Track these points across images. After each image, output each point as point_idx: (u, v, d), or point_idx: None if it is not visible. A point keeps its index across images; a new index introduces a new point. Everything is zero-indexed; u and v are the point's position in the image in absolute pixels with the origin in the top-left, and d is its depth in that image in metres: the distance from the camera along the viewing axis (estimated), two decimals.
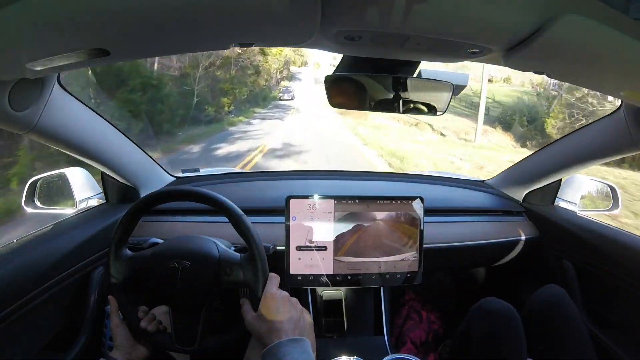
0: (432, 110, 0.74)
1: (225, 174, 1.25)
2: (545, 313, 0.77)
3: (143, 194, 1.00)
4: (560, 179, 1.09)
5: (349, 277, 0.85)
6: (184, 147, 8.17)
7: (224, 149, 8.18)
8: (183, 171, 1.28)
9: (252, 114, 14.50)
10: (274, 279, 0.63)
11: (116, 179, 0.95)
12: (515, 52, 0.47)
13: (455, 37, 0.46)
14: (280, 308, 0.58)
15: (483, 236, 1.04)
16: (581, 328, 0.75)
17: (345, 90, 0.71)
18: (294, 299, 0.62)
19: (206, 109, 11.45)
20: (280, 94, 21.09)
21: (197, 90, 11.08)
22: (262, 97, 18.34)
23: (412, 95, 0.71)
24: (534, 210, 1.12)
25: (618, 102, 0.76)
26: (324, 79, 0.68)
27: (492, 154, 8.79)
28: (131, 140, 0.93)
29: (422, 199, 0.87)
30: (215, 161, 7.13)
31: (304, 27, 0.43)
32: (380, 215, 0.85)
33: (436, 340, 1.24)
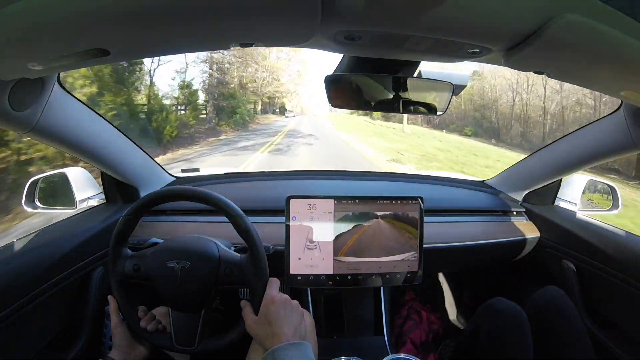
0: (432, 110, 0.74)
1: (225, 174, 1.25)
2: (544, 315, 0.77)
3: (143, 193, 1.00)
4: (560, 179, 1.09)
5: (349, 277, 0.85)
6: None
7: None
8: (183, 171, 1.28)
9: None
10: (274, 282, 0.63)
11: (116, 179, 0.95)
12: (515, 52, 0.47)
13: (455, 37, 0.46)
14: (280, 312, 0.58)
15: (483, 236, 1.04)
16: (580, 329, 0.75)
17: (345, 91, 0.71)
18: (295, 302, 0.62)
19: None
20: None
21: None
22: None
23: (412, 95, 0.71)
24: (534, 210, 1.12)
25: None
26: (324, 78, 0.68)
27: None
28: (131, 140, 0.93)
29: (422, 199, 0.87)
30: None
31: (304, 27, 0.43)
32: (380, 215, 0.85)
33: (436, 340, 1.24)
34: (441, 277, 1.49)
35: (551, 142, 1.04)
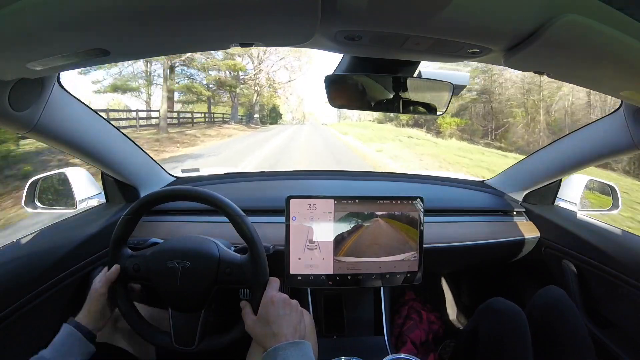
0: (432, 110, 0.74)
1: (225, 174, 1.25)
2: (545, 315, 0.77)
3: (143, 193, 1.00)
4: (560, 179, 1.09)
5: (349, 277, 0.85)
6: None
7: None
8: (183, 171, 1.28)
9: None
10: (273, 282, 0.63)
11: (116, 179, 0.95)
12: (515, 52, 0.47)
13: (455, 37, 0.46)
14: (280, 312, 0.58)
15: (483, 236, 1.04)
16: (581, 329, 0.75)
17: (345, 91, 0.71)
18: (294, 302, 0.62)
19: None
20: None
21: None
22: None
23: (412, 95, 0.71)
24: (534, 210, 1.12)
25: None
26: (324, 78, 0.68)
27: None
28: (131, 140, 0.93)
29: (422, 199, 0.87)
30: None
31: (304, 27, 0.43)
32: (380, 215, 0.85)
33: (436, 340, 1.24)
34: (441, 277, 1.49)
35: (551, 142, 1.04)
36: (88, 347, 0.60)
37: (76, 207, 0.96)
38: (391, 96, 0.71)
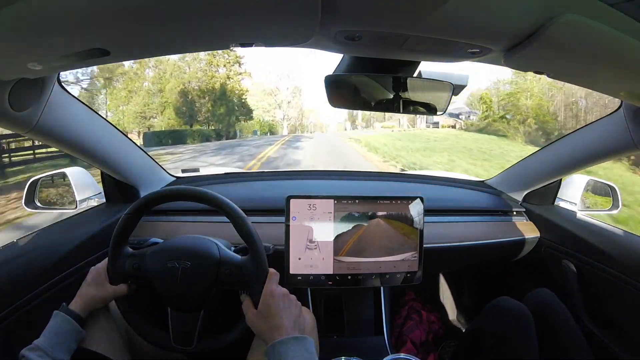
0: (432, 110, 0.74)
1: (225, 174, 1.25)
2: (537, 318, 0.77)
3: (143, 193, 1.00)
4: (560, 179, 1.09)
5: (349, 277, 0.85)
6: None
7: None
8: (183, 171, 1.28)
9: None
10: (273, 275, 0.63)
11: (116, 179, 0.95)
12: (515, 52, 0.47)
13: (455, 37, 0.46)
14: (280, 305, 0.58)
15: (483, 236, 1.04)
16: (573, 330, 0.75)
17: (345, 91, 0.71)
18: (293, 296, 0.62)
19: None
20: None
21: None
22: None
23: (412, 95, 0.71)
24: (534, 210, 1.12)
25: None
26: (324, 79, 0.68)
27: None
28: (131, 140, 0.93)
29: (422, 199, 0.87)
30: None
31: (303, 27, 0.43)
32: (380, 215, 0.85)
33: (436, 340, 1.24)
34: (441, 277, 1.49)
35: (551, 142, 1.04)
36: (79, 332, 0.61)
37: (76, 207, 0.96)
38: (391, 96, 0.71)
